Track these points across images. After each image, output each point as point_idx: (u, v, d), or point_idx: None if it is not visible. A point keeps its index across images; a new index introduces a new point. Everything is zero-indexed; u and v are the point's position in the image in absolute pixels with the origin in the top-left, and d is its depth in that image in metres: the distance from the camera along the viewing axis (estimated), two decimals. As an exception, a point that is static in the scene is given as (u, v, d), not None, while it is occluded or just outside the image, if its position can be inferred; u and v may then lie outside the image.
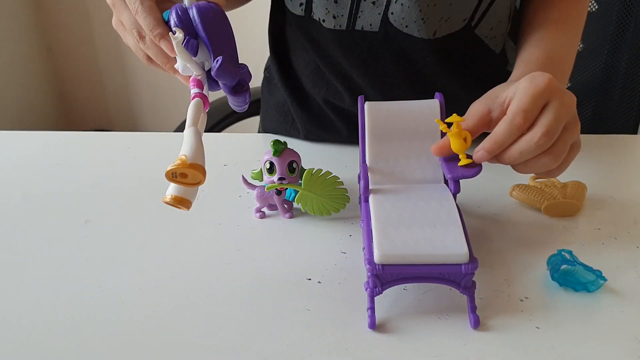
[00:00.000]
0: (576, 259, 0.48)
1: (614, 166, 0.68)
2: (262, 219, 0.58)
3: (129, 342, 0.43)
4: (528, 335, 0.43)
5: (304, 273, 0.50)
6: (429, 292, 0.47)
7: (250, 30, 1.24)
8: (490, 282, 0.48)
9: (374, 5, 0.64)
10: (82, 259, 0.50)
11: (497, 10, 0.67)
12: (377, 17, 0.65)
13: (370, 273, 0.43)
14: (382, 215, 0.46)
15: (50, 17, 1.96)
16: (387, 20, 0.65)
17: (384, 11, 0.64)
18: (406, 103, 0.52)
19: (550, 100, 0.47)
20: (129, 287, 0.48)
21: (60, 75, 2.06)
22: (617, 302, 0.46)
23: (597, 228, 0.56)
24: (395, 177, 0.51)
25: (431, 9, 0.63)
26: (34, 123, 1.95)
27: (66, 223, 0.56)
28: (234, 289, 0.48)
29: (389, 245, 0.43)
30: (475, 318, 0.43)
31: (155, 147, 0.72)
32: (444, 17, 0.64)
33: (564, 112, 0.47)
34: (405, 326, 0.44)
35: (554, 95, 0.47)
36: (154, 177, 0.63)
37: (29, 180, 0.65)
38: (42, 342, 0.43)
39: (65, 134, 0.76)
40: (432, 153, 0.50)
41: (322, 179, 0.55)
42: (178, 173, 0.41)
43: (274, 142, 0.54)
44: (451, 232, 0.44)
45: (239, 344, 0.42)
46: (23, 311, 0.46)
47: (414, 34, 0.65)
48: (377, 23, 0.65)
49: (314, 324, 0.44)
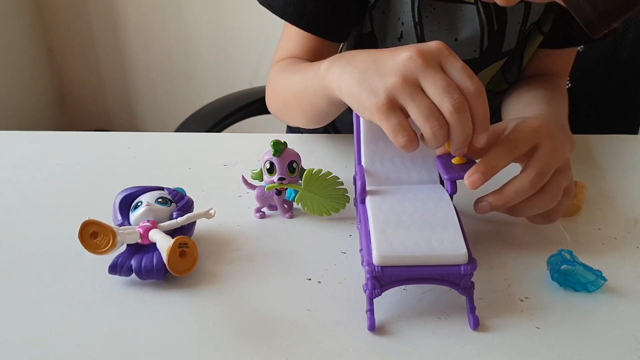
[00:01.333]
0: (576, 259, 0.48)
1: (614, 166, 0.68)
2: (262, 219, 0.58)
3: (129, 341, 0.43)
4: (528, 335, 0.43)
5: (304, 273, 0.50)
6: (428, 292, 0.47)
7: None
8: (490, 282, 0.48)
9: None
10: (82, 258, 0.50)
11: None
12: None
13: (369, 275, 0.43)
14: (380, 217, 0.46)
15: (50, 17, 1.96)
16: None
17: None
18: None
19: (541, 142, 0.49)
20: (129, 287, 0.48)
21: (60, 75, 2.06)
22: (617, 302, 0.46)
23: (597, 228, 0.56)
24: (390, 178, 0.51)
25: None
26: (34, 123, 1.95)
27: (66, 223, 0.56)
28: (233, 288, 0.48)
29: (387, 246, 0.42)
30: (475, 318, 0.43)
31: (155, 147, 0.72)
32: None
33: (554, 155, 0.49)
34: (405, 326, 0.44)
35: (545, 137, 0.49)
36: (154, 177, 0.63)
37: (29, 180, 0.65)
38: (42, 342, 0.43)
39: (65, 134, 0.76)
40: (427, 154, 0.51)
41: (322, 179, 0.55)
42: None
43: (274, 142, 0.54)
44: (449, 233, 0.44)
45: (239, 344, 0.42)
46: (23, 311, 0.46)
47: None
48: None
49: (314, 324, 0.44)
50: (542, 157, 0.48)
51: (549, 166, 0.48)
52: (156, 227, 0.48)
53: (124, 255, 0.48)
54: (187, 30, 1.87)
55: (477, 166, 0.48)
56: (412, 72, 0.44)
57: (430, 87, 0.44)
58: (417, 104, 0.44)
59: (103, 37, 1.98)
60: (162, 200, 0.51)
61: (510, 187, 0.48)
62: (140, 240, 0.48)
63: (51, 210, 0.59)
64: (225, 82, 1.87)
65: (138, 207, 0.50)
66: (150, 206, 0.50)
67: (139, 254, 0.48)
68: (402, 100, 0.44)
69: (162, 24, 1.90)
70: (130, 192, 0.52)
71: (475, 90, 0.44)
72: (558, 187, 0.50)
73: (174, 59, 1.95)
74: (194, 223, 0.52)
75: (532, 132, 0.49)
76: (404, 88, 0.44)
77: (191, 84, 1.97)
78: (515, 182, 0.48)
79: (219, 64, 1.88)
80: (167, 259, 0.45)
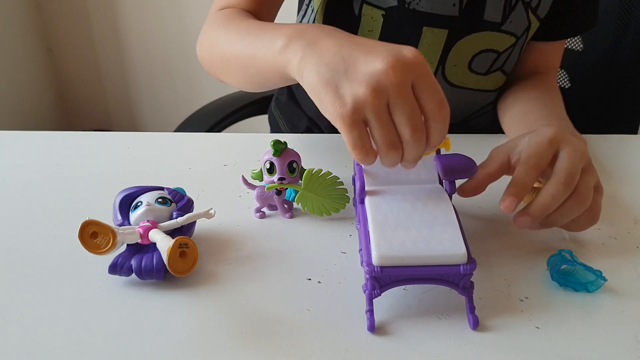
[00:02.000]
0: (576, 259, 0.48)
1: (614, 166, 0.68)
2: (262, 219, 0.58)
3: (129, 341, 0.43)
4: (528, 335, 0.43)
5: (304, 273, 0.50)
6: (428, 292, 0.47)
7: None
8: (490, 282, 0.48)
9: None
10: (82, 258, 0.50)
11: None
12: None
13: (369, 275, 0.43)
14: (379, 217, 0.46)
15: (50, 17, 1.96)
16: None
17: None
18: None
19: (560, 147, 0.50)
20: (129, 287, 0.48)
21: (60, 75, 2.06)
22: (617, 302, 0.46)
23: (597, 228, 0.56)
24: (389, 178, 0.51)
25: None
26: (34, 123, 1.95)
27: (66, 223, 0.56)
28: (233, 289, 0.48)
29: (386, 247, 0.42)
30: (475, 318, 0.43)
31: (155, 147, 0.72)
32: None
33: (577, 157, 0.49)
34: (405, 326, 0.44)
35: (563, 142, 0.50)
36: (154, 177, 0.63)
37: (29, 180, 0.65)
38: (42, 342, 0.43)
39: (65, 134, 0.76)
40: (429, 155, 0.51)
41: (322, 179, 0.55)
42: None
43: (274, 142, 0.54)
44: (449, 233, 0.44)
45: (239, 344, 0.42)
46: (23, 311, 0.46)
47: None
48: None
49: (314, 324, 0.44)
50: (567, 160, 0.49)
51: (575, 166, 0.49)
52: (156, 227, 0.48)
53: (124, 255, 0.48)
54: (187, 31, 1.87)
55: (508, 189, 0.48)
56: (384, 88, 0.42)
57: (398, 111, 0.43)
58: (382, 128, 0.43)
59: (103, 37, 1.98)
60: (162, 200, 0.51)
61: (544, 194, 0.48)
62: (140, 240, 0.48)
63: (51, 210, 0.59)
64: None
65: (138, 207, 0.50)
66: (150, 206, 0.50)
67: (139, 254, 0.48)
68: (368, 116, 0.43)
69: (162, 24, 1.90)
70: (130, 192, 0.52)
71: (439, 116, 0.43)
72: (587, 186, 0.49)
73: (174, 59, 1.95)
74: (194, 223, 0.52)
75: (549, 141, 0.50)
76: (373, 105, 0.42)
77: (191, 84, 1.97)
78: (548, 187, 0.48)
79: (219, 64, 1.87)
80: (168, 260, 0.45)
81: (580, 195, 0.49)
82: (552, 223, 0.50)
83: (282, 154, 0.55)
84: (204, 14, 0.73)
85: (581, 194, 0.49)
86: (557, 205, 0.48)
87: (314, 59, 0.46)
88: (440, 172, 0.49)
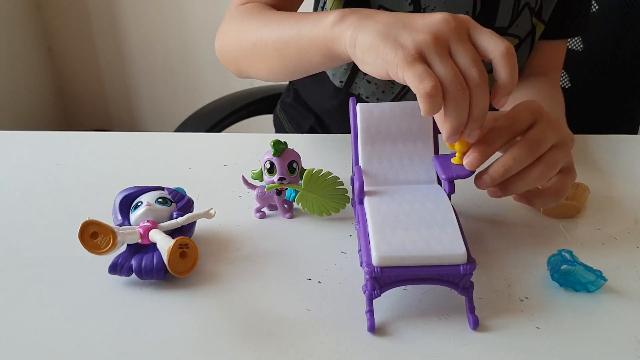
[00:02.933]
0: (576, 259, 0.48)
1: (614, 166, 0.68)
2: (262, 219, 0.58)
3: (129, 341, 0.43)
4: (528, 335, 0.43)
5: (304, 273, 0.50)
6: (428, 292, 0.47)
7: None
8: (490, 283, 0.48)
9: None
10: (82, 259, 0.50)
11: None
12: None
13: (369, 276, 0.43)
14: (378, 217, 0.46)
15: (50, 17, 1.96)
16: None
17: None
18: (398, 104, 0.52)
19: (538, 119, 0.49)
20: (129, 287, 0.48)
21: (60, 75, 2.06)
22: (617, 302, 0.46)
23: (597, 228, 0.56)
24: (388, 178, 0.51)
25: None
26: (34, 123, 1.95)
27: (66, 223, 0.56)
28: (233, 289, 0.48)
29: (386, 247, 0.42)
30: (475, 318, 0.43)
31: (155, 147, 0.72)
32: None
33: (550, 129, 0.49)
34: (405, 327, 0.44)
35: (541, 115, 0.50)
36: (154, 177, 0.63)
37: (29, 180, 0.65)
38: (42, 342, 0.43)
39: (65, 134, 0.76)
40: (424, 154, 0.51)
41: (322, 179, 0.55)
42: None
43: (274, 142, 0.54)
44: (448, 233, 0.44)
45: (239, 344, 0.42)
46: (23, 311, 0.46)
47: None
48: None
49: (314, 324, 0.44)
50: (538, 129, 0.49)
51: (545, 136, 0.48)
52: (156, 227, 0.48)
53: (124, 255, 0.48)
54: (187, 30, 1.87)
55: (475, 145, 0.48)
56: (444, 34, 0.43)
57: (461, 55, 0.43)
58: (445, 65, 0.43)
59: (103, 37, 1.98)
60: (162, 200, 0.51)
61: (507, 155, 0.48)
62: (140, 240, 0.48)
63: (51, 210, 0.59)
64: (225, 82, 1.87)
65: (138, 207, 0.50)
66: (150, 206, 0.50)
67: (139, 254, 0.48)
68: (430, 58, 0.43)
69: (162, 24, 1.90)
70: (130, 192, 0.52)
71: (506, 59, 0.44)
72: (554, 159, 0.49)
73: (174, 59, 1.95)
74: (194, 223, 0.52)
75: (529, 110, 0.49)
76: (435, 47, 0.43)
77: (191, 84, 1.98)
78: (513, 150, 0.48)
79: (219, 64, 1.87)
80: (168, 260, 0.45)
81: (543, 164, 0.48)
82: (512, 189, 0.49)
83: (282, 154, 0.55)
84: (204, 14, 0.73)
85: (545, 164, 0.48)
86: (518, 169, 0.48)
87: (370, 25, 0.47)
88: (439, 171, 0.49)
